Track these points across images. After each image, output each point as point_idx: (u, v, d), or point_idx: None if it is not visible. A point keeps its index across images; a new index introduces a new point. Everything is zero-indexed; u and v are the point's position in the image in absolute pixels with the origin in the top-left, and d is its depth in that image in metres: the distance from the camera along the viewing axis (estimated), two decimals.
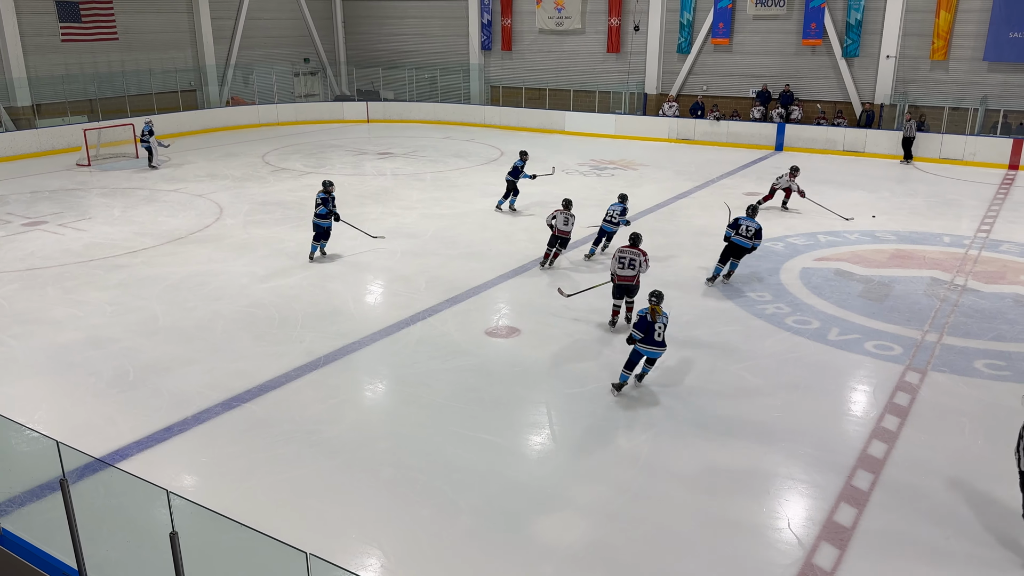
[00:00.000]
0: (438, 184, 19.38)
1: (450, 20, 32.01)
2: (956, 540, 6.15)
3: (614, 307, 10.47)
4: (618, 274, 10.24)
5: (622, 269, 10.22)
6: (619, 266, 10.25)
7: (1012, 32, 22.09)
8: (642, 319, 8.45)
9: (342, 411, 8.23)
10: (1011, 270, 12.69)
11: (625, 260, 10.22)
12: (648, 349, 8.49)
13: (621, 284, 10.26)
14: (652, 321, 8.39)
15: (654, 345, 8.45)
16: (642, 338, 8.41)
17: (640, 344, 8.44)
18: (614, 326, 10.46)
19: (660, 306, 8.49)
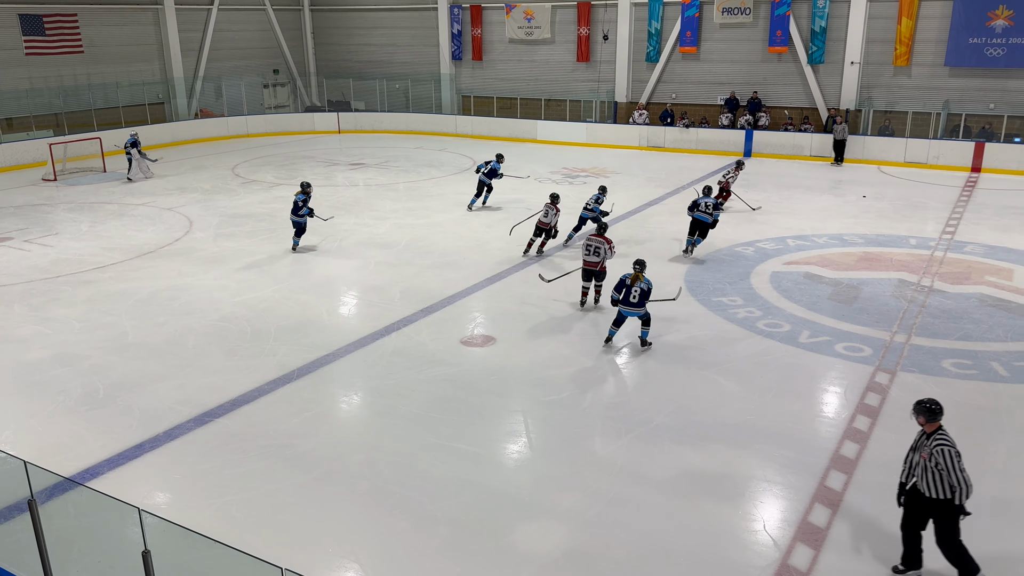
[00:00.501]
0: (411, 194, 19.35)
1: (420, 30, 32.05)
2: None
3: (582, 288, 11.41)
4: (584, 259, 11.21)
5: (588, 255, 11.17)
6: (585, 252, 11.22)
7: (971, 38, 22.59)
8: (621, 281, 9.82)
9: (317, 424, 8.17)
10: (976, 270, 12.94)
11: (591, 247, 11.15)
12: (624, 308, 9.81)
13: (587, 269, 11.20)
14: (630, 285, 9.71)
15: (629, 306, 9.76)
16: (620, 298, 9.79)
17: (620, 305, 9.80)
18: (583, 306, 11.37)
19: (643, 274, 9.77)
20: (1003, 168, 21.44)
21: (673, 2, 26.67)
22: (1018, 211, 17.10)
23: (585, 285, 11.36)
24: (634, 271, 9.78)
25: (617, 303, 9.87)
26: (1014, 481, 7.04)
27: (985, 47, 22.52)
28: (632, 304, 9.73)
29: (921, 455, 5.61)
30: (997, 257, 13.69)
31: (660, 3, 26.81)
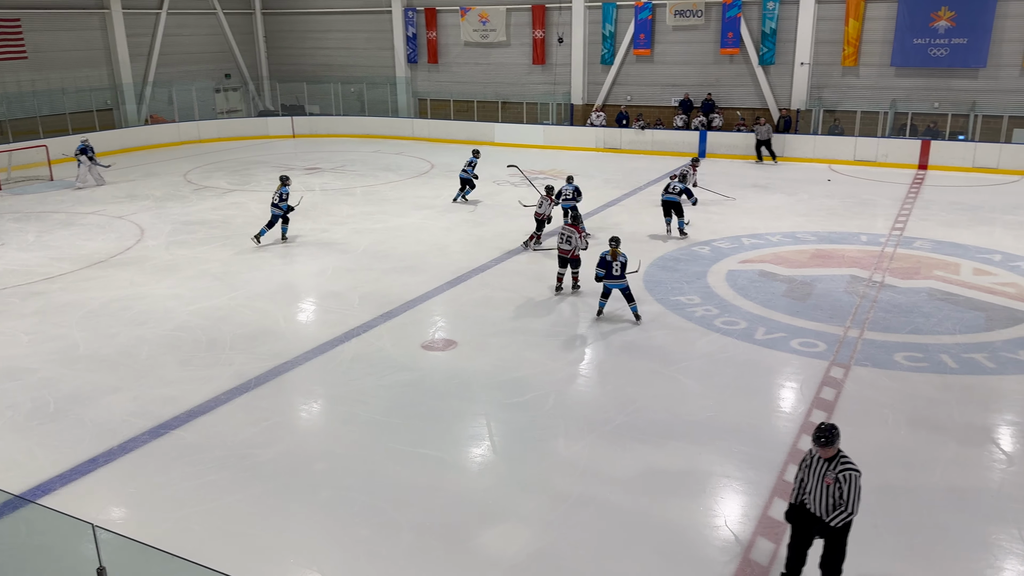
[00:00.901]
0: (368, 198, 19.21)
1: (375, 34, 31.86)
2: (884, 528, 6.38)
3: (558, 274, 12.13)
4: (559, 247, 11.95)
5: (561, 243, 11.88)
6: (559, 240, 11.94)
7: (916, 38, 23.19)
8: (602, 259, 10.77)
9: (276, 434, 8.06)
10: (925, 265, 13.27)
11: (563, 236, 11.85)
12: (609, 282, 10.85)
13: (561, 256, 11.92)
14: (611, 260, 10.69)
15: (613, 279, 10.79)
16: (604, 274, 10.74)
17: (605, 280, 10.78)
18: (558, 292, 12.10)
19: (619, 248, 10.73)
20: (949, 165, 22.05)
21: (626, 5, 26.92)
22: (964, 207, 17.59)
23: (560, 271, 12.06)
24: (611, 247, 10.74)
25: (602, 279, 10.85)
26: (966, 470, 7.23)
27: (929, 47, 23.14)
28: (616, 277, 10.77)
29: (825, 480, 5.40)
30: (945, 252, 14.06)
31: (613, 6, 27.04)
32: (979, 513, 6.57)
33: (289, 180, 15.36)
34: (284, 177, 15.34)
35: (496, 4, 29.11)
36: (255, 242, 14.85)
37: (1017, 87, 22.64)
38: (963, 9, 22.47)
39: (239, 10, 32.85)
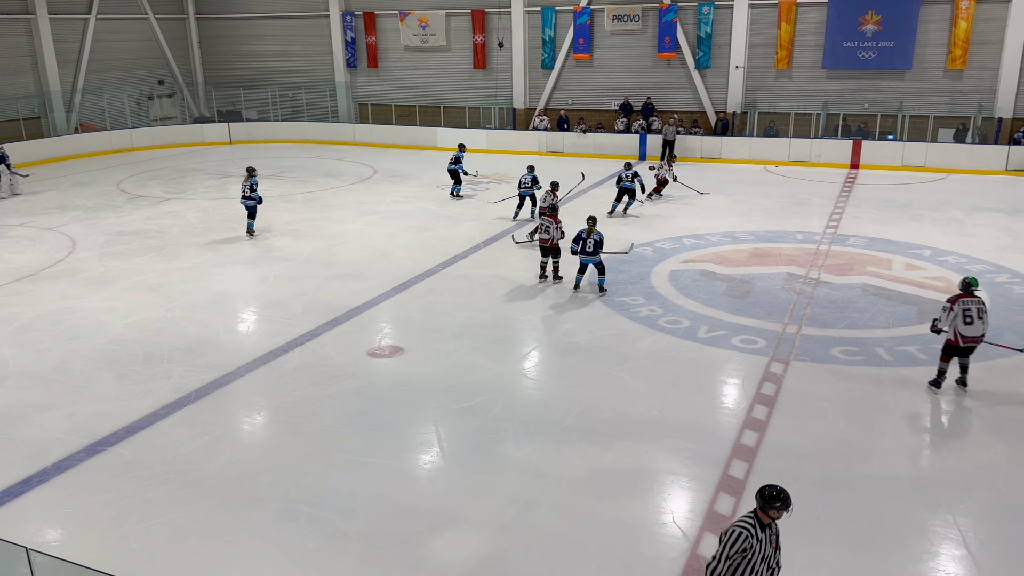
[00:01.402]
0: (310, 205, 18.96)
1: (312, 38, 31.50)
2: (826, 519, 6.55)
3: (541, 263, 12.89)
4: (539, 237, 12.69)
5: (541, 233, 12.64)
6: (539, 231, 12.71)
7: (845, 41, 23.93)
8: (578, 235, 11.92)
9: (218, 447, 7.88)
10: (858, 262, 13.68)
11: (542, 227, 12.63)
12: (583, 257, 11.99)
13: (543, 246, 12.67)
14: (585, 238, 11.82)
15: (586, 254, 11.91)
16: (578, 249, 11.88)
17: (579, 255, 11.94)
18: (542, 280, 12.82)
19: (595, 227, 11.86)
20: (879, 164, 22.79)
21: (565, 10, 27.15)
22: (894, 204, 18.20)
23: (544, 260, 12.85)
24: (588, 225, 11.88)
25: (576, 253, 11.97)
26: (901, 459, 7.47)
27: (858, 50, 23.90)
28: (588, 253, 11.87)
29: (772, 546, 4.92)
30: (877, 249, 14.52)
31: (552, 11, 27.25)
32: (915, 501, 6.79)
33: (256, 171, 15.94)
34: (251, 168, 15.87)
35: (436, 9, 29.06)
36: (249, 236, 15.68)
37: (941, 88, 23.54)
38: (889, 13, 23.28)
39: (172, 15, 32.12)
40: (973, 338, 8.61)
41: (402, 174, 23.09)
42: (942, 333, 8.69)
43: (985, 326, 8.64)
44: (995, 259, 13.71)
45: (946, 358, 8.80)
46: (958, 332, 8.58)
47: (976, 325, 8.58)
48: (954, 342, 8.63)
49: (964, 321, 8.58)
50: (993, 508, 6.69)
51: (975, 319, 8.55)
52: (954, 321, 8.61)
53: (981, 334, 8.63)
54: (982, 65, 22.95)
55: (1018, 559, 6.03)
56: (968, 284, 8.72)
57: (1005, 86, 22.72)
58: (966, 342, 8.60)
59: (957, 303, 8.63)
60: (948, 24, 22.91)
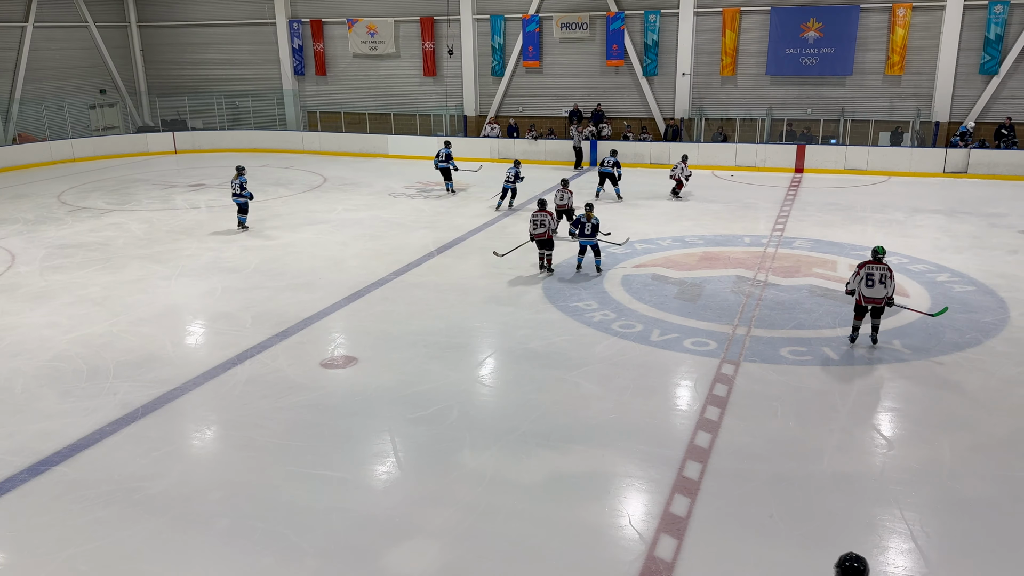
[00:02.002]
0: (258, 214, 18.66)
1: (259, 46, 31.10)
2: (779, 517, 6.66)
3: (540, 255, 13.59)
4: (533, 233, 13.33)
5: (535, 228, 13.30)
6: (533, 227, 13.33)
7: (788, 48, 24.50)
8: (577, 219, 13.37)
9: (167, 464, 7.69)
10: (804, 264, 13.98)
11: (537, 221, 13.30)
12: (581, 239, 13.30)
13: (538, 240, 13.31)
14: (585, 221, 13.16)
15: (584, 236, 13.24)
16: (577, 232, 13.26)
17: (578, 237, 13.28)
18: (542, 270, 13.56)
19: (592, 212, 13.25)
20: (822, 168, 23.35)
21: (514, 17, 27.28)
22: (838, 207, 18.66)
23: (541, 253, 13.55)
24: (586, 211, 13.26)
25: (575, 236, 13.33)
26: (851, 457, 7.64)
27: (800, 56, 24.49)
28: (586, 235, 13.18)
29: None
30: (822, 250, 14.86)
31: (501, 18, 27.36)
32: (864, 496, 6.94)
33: (244, 169, 17.01)
34: (240, 167, 16.98)
35: (384, 16, 28.95)
36: (243, 228, 16.76)
37: (880, 93, 24.25)
38: (830, 20, 23.91)
39: (113, 23, 31.42)
40: (874, 299, 9.85)
41: (353, 182, 22.91)
42: (851, 294, 10.05)
43: (888, 290, 9.84)
44: (935, 259, 14.15)
45: (858, 317, 10.12)
46: (861, 294, 9.88)
47: (877, 288, 9.81)
48: (860, 302, 9.94)
49: (866, 284, 9.86)
50: (938, 502, 6.88)
51: (876, 283, 9.81)
52: (859, 284, 9.88)
53: (882, 296, 9.84)
54: (919, 70, 23.71)
55: (963, 550, 6.21)
56: (875, 252, 9.96)
57: (941, 91, 23.50)
58: (868, 302, 9.89)
59: (863, 268, 9.90)
60: (886, 31, 23.62)
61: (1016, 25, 22.60)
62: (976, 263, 13.90)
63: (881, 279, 9.82)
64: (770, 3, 24.42)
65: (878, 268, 9.83)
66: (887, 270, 9.84)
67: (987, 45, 22.87)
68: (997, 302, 11.84)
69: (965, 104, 23.56)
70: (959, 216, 17.61)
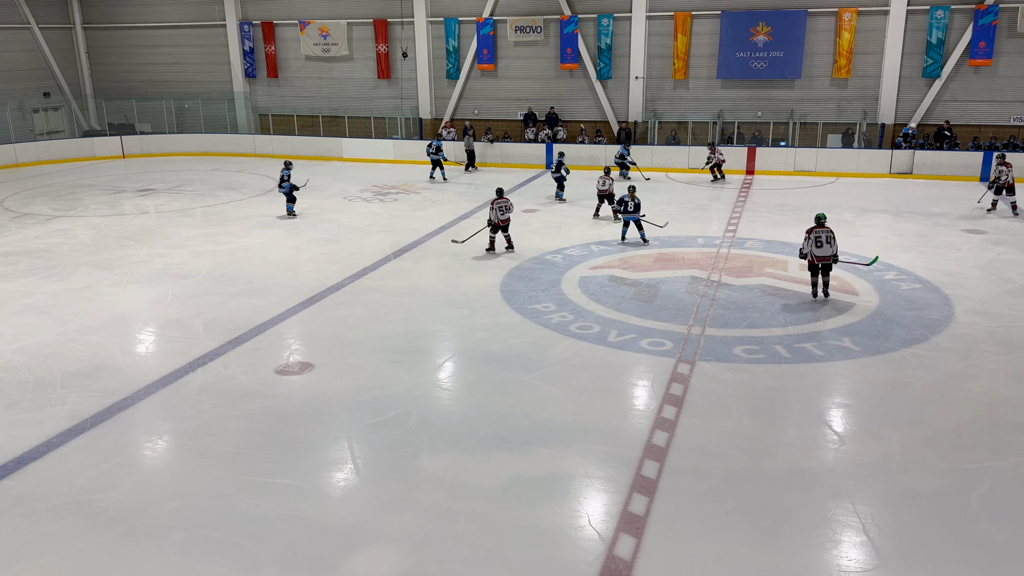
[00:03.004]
0: (209, 219, 18.36)
1: (208, 48, 30.60)
2: (735, 513, 6.76)
3: (495, 239, 14.96)
4: (500, 219, 14.68)
5: (503, 215, 14.68)
6: (500, 213, 14.66)
7: (738, 52, 24.91)
8: (622, 199, 15.35)
9: (118, 475, 7.51)
10: (756, 264, 14.23)
11: (504, 207, 14.72)
12: (628, 215, 15.36)
13: (499, 225, 14.73)
14: (628, 200, 15.22)
15: (628, 213, 15.29)
16: (623, 209, 15.31)
17: (623, 213, 15.42)
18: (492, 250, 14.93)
19: (635, 193, 15.33)
20: (772, 170, 23.79)
21: (468, 20, 27.27)
22: (788, 208, 19.02)
23: (493, 236, 14.89)
24: (629, 192, 15.31)
25: (619, 212, 15.64)
26: (804, 453, 7.78)
27: (750, 60, 24.92)
28: (630, 212, 15.23)
29: None
30: (773, 251, 15.14)
31: (455, 21, 27.33)
32: (818, 491, 7.08)
33: (291, 164, 18.74)
34: (287, 162, 18.78)
35: (336, 18, 28.71)
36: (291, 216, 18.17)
37: (828, 96, 24.79)
38: (778, 24, 24.38)
39: (57, 24, 30.63)
40: (824, 257, 11.86)
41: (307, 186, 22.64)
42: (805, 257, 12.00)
43: (833, 249, 11.84)
44: (883, 258, 14.50)
45: (813, 275, 12.09)
46: (813, 254, 11.88)
47: (824, 248, 11.81)
48: (812, 262, 11.94)
49: (816, 246, 11.85)
50: (889, 495, 7.05)
51: (824, 243, 11.80)
52: (810, 246, 11.84)
53: (830, 255, 11.86)
54: (865, 74, 24.31)
55: (913, 542, 6.38)
56: (818, 218, 12.08)
57: (886, 93, 24.12)
58: (819, 260, 11.90)
59: (812, 232, 11.87)
60: (833, 35, 24.17)
61: (956, 30, 23.32)
62: (922, 261, 14.29)
63: (827, 240, 11.82)
64: (720, 7, 24.81)
65: (823, 231, 11.83)
66: (830, 232, 11.87)
67: (929, 49, 23.56)
68: (942, 299, 12.19)
69: (909, 106, 24.22)
70: (905, 216, 18.09)
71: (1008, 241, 15.73)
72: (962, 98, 23.90)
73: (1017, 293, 12.46)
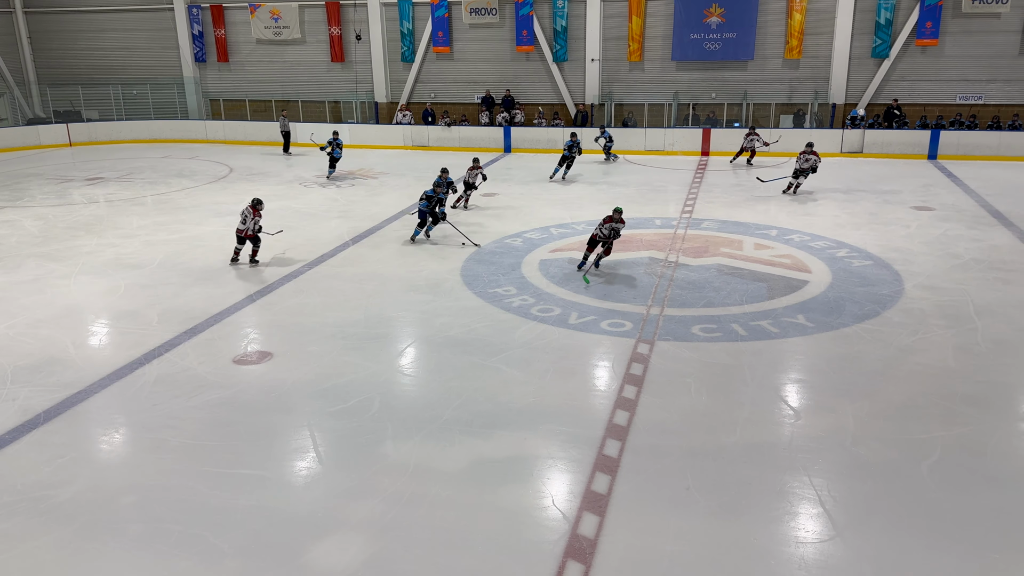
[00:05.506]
0: (161, 207, 17.99)
1: (156, 32, 29.86)
2: (695, 489, 6.88)
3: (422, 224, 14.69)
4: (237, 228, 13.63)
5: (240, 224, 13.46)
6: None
7: (692, 34, 25.09)
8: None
9: (74, 470, 7.36)
10: (712, 244, 14.41)
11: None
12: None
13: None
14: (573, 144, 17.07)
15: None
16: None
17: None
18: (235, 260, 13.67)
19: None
20: (727, 151, 24.05)
21: (422, 2, 27.00)
22: (742, 188, 19.27)
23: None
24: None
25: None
26: (761, 428, 7.94)
27: (704, 42, 25.11)
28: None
29: None
30: (729, 231, 15.34)
31: (410, 3, 27.04)
32: (775, 465, 7.24)
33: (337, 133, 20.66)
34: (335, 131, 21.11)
35: (288, 1, 28.20)
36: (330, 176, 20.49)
37: (781, 77, 25.12)
38: (731, 6, 24.59)
39: None
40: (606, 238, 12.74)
41: (261, 172, 22.33)
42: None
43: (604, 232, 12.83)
44: (835, 235, 14.80)
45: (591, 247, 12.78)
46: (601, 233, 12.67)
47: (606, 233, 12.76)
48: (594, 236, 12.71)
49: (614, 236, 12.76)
50: (844, 467, 7.23)
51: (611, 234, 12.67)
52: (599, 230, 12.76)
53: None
54: (816, 54, 24.67)
55: (867, 512, 6.56)
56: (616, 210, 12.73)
57: (837, 74, 24.52)
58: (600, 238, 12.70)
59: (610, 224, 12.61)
60: (785, 16, 24.46)
61: (904, 10, 23.77)
62: (873, 238, 14.61)
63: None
64: None
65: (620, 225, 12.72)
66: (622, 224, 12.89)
67: (878, 29, 23.98)
68: (893, 275, 12.49)
69: (859, 86, 24.66)
70: (856, 194, 18.46)
71: (955, 217, 16.17)
72: (910, 77, 24.41)
73: (964, 268, 12.83)
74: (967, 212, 16.63)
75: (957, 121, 23.67)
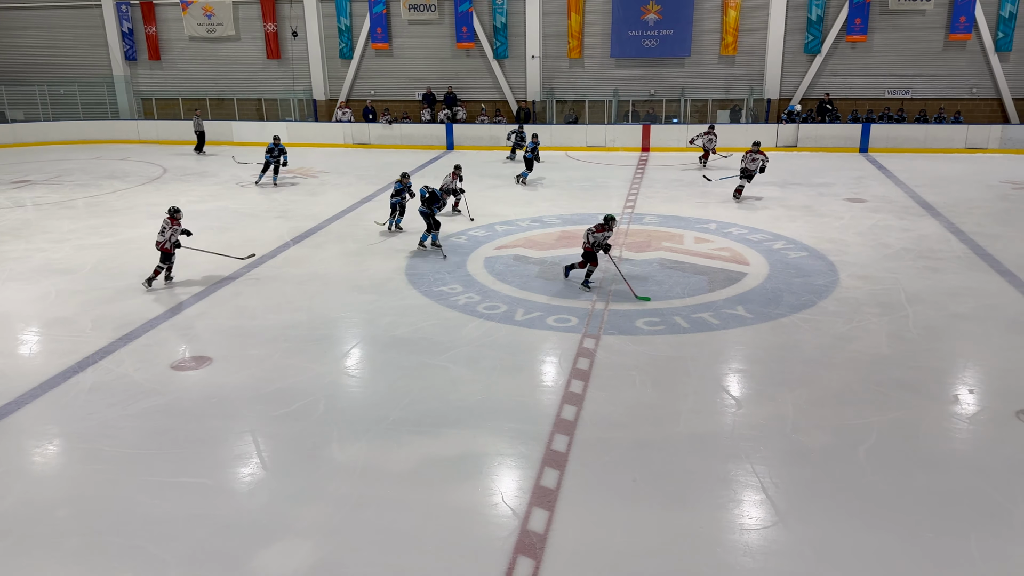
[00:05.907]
0: (93, 210, 17.43)
1: (84, 30, 28.90)
2: (642, 480, 6.96)
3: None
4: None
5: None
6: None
7: (630, 31, 25.36)
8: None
9: (5, 483, 7.07)
10: (654, 238, 14.60)
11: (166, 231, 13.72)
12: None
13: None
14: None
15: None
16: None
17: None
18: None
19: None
20: (667, 146, 24.41)
21: None
22: (682, 184, 19.57)
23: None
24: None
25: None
26: (704, 418, 8.08)
27: (642, 39, 25.42)
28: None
29: None
30: (670, 225, 15.57)
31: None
32: (718, 454, 7.37)
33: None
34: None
35: None
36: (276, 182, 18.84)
37: (717, 73, 25.58)
38: (668, 3, 24.94)
39: None
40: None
41: (196, 172, 21.81)
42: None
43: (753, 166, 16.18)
44: (772, 228, 15.14)
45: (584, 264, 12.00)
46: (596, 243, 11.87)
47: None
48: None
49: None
50: (785, 454, 7.41)
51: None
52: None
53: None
54: (751, 51, 25.19)
55: (808, 497, 6.73)
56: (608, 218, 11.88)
57: (771, 70, 25.08)
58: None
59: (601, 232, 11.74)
60: (720, 13, 24.91)
61: (834, 7, 24.43)
62: (808, 230, 15.00)
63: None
64: None
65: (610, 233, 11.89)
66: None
67: (810, 26, 24.60)
68: (828, 265, 12.84)
69: (793, 81, 25.27)
70: (791, 187, 18.91)
71: (885, 209, 16.70)
72: (841, 72, 25.11)
73: (895, 257, 13.26)
74: (897, 203, 17.20)
75: (886, 115, 24.45)
